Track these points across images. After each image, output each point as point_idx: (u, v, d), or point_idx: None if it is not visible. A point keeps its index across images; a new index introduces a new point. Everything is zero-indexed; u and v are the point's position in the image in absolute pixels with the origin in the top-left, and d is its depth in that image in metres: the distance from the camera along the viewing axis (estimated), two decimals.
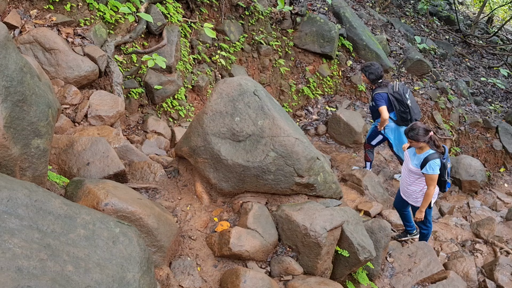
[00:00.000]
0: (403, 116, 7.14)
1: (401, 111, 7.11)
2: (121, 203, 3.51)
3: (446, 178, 5.61)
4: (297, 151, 4.30)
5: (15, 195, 2.35)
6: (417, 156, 5.51)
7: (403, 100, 7.03)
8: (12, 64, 3.09)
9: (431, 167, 5.32)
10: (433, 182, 5.44)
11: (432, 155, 5.36)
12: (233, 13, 9.51)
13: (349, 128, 9.34)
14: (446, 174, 5.59)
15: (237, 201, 4.48)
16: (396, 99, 7.05)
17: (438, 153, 5.42)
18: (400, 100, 7.03)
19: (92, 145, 4.46)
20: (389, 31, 13.17)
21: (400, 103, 7.05)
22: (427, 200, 5.58)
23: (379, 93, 7.06)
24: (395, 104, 7.07)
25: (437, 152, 5.43)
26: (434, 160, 5.33)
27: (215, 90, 4.48)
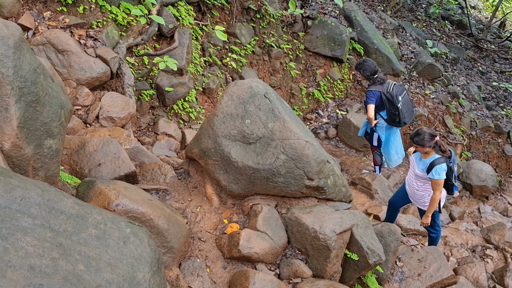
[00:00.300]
0: (392, 117, 7.16)
1: (391, 112, 7.10)
2: (131, 203, 3.54)
3: (453, 182, 5.57)
4: (307, 154, 4.30)
5: (28, 194, 2.37)
6: (423, 161, 5.48)
7: (393, 102, 7.02)
8: (26, 65, 3.13)
9: (437, 172, 5.28)
10: (439, 187, 5.41)
11: (438, 160, 5.33)
12: (244, 16, 9.54)
13: None
14: (453, 177, 5.55)
15: (247, 203, 4.49)
16: (387, 100, 7.05)
17: (444, 158, 5.39)
18: (391, 101, 7.03)
19: (104, 146, 4.49)
20: (401, 35, 13.14)
21: (391, 104, 7.04)
22: (433, 205, 5.55)
23: (372, 90, 7.10)
24: (386, 104, 7.08)
25: (443, 156, 5.40)
26: (440, 165, 5.29)
27: (226, 93, 4.50)
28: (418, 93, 11.08)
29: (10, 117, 3.00)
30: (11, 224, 2.18)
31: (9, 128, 2.99)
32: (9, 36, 3.03)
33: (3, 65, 2.95)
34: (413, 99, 10.94)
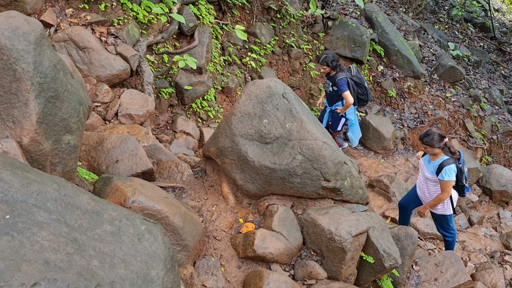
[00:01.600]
0: (361, 98, 7.75)
1: (359, 93, 7.67)
2: (147, 201, 3.55)
3: (464, 183, 5.49)
4: (325, 155, 4.28)
5: (44, 189, 2.39)
6: (432, 163, 5.40)
7: (362, 83, 7.61)
8: (46, 61, 3.15)
9: (446, 173, 5.21)
10: (448, 188, 5.33)
11: (447, 161, 5.24)
12: (265, 15, 9.53)
13: (378, 134, 9.25)
14: (464, 178, 5.46)
15: (263, 203, 4.48)
16: (355, 83, 7.55)
17: (454, 159, 5.31)
18: (360, 83, 7.59)
19: (122, 143, 4.51)
20: (422, 37, 13.01)
21: (359, 86, 7.61)
22: (436, 202, 5.48)
23: (342, 78, 7.37)
24: (354, 87, 7.54)
25: (452, 157, 5.32)
26: (450, 166, 5.21)
27: (244, 92, 4.49)
28: (438, 96, 10.97)
29: (30, 112, 3.03)
30: (27, 218, 2.20)
31: (28, 123, 3.02)
32: (30, 32, 3.06)
33: (24, 60, 2.98)
34: (433, 101, 10.83)
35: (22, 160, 2.89)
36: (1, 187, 2.22)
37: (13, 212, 2.15)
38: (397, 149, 9.68)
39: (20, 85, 2.99)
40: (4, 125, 3.01)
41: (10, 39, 2.95)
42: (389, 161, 9.11)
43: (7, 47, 2.93)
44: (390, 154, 9.30)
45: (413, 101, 10.83)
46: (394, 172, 8.69)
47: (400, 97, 10.73)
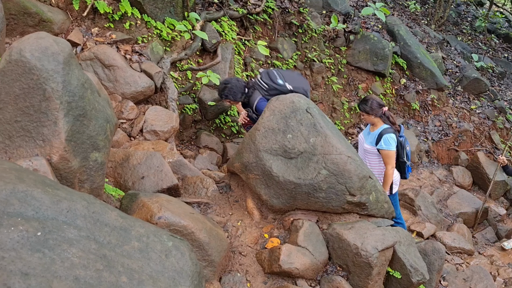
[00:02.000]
0: None
1: None
2: (174, 217, 3.57)
3: (404, 159, 5.27)
4: (349, 170, 4.26)
5: (74, 206, 2.43)
6: (371, 134, 5.27)
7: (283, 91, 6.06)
8: (75, 80, 3.22)
9: (386, 142, 5.07)
10: (391, 161, 5.15)
11: (386, 130, 5.10)
12: (287, 31, 9.58)
13: None
14: (405, 155, 5.25)
15: (288, 218, 4.47)
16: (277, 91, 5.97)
17: (393, 129, 5.16)
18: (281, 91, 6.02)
19: (147, 159, 4.56)
20: (445, 49, 12.92)
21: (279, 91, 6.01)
22: (387, 182, 5.26)
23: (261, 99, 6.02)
24: None
25: (392, 128, 5.17)
26: (389, 134, 5.07)
27: (268, 107, 4.51)
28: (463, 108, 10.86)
29: (59, 130, 3.08)
30: (58, 235, 2.23)
31: (58, 141, 3.08)
32: (59, 52, 3.13)
33: (53, 80, 3.05)
34: (457, 114, 10.71)
35: (51, 178, 2.94)
36: (32, 204, 2.26)
37: (44, 229, 2.19)
38: (422, 162, 9.60)
39: (49, 104, 3.05)
40: (34, 143, 3.07)
41: (40, 59, 3.02)
42: (414, 174, 9.02)
43: (37, 67, 3.00)
44: (414, 167, 9.21)
45: (437, 114, 10.74)
46: (418, 186, 8.62)
47: (424, 110, 10.65)
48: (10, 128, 3.05)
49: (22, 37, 6.04)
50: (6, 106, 3.02)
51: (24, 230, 2.11)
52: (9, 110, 3.03)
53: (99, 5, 6.29)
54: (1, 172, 2.31)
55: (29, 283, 1.96)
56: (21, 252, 2.03)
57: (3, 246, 1.99)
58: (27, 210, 2.22)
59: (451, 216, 8.04)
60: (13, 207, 2.18)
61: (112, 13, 6.49)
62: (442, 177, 9.03)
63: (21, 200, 2.23)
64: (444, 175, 9.06)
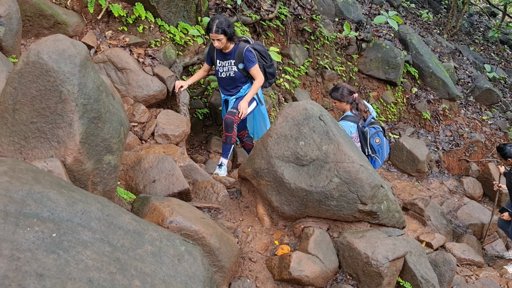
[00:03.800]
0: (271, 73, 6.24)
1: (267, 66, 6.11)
2: (185, 221, 3.57)
3: (366, 150, 5.34)
4: (361, 178, 4.25)
5: (89, 208, 2.44)
6: None
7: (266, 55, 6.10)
8: (90, 83, 3.23)
9: None
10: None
11: (346, 117, 5.24)
12: (299, 37, 9.59)
13: (412, 156, 9.15)
14: (368, 147, 5.29)
15: (299, 225, 4.46)
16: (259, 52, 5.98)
17: (356, 118, 5.24)
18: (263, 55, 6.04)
19: (159, 163, 4.57)
20: (457, 58, 12.88)
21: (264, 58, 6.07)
22: None
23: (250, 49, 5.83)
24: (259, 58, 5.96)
25: (356, 116, 5.25)
26: (345, 122, 5.21)
27: (280, 114, 4.51)
28: (475, 119, 10.80)
29: (74, 132, 3.10)
30: (73, 237, 2.24)
31: (72, 143, 3.09)
32: (76, 54, 3.14)
33: (69, 82, 3.06)
34: (469, 124, 10.66)
35: (65, 179, 2.95)
36: (48, 205, 2.27)
37: (59, 231, 2.19)
38: (432, 172, 9.55)
39: (65, 106, 3.07)
40: (49, 145, 3.08)
41: (57, 61, 3.03)
42: (424, 184, 8.99)
43: (54, 69, 3.01)
44: (424, 177, 9.17)
45: (448, 124, 10.69)
46: (428, 196, 8.57)
47: (435, 120, 10.61)
48: (26, 129, 3.06)
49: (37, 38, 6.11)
50: (22, 107, 3.04)
51: (40, 231, 2.11)
52: (25, 111, 3.04)
53: (113, 9, 6.33)
54: (18, 173, 2.32)
55: (44, 284, 1.96)
56: (36, 253, 2.04)
57: (19, 247, 2.00)
58: (43, 211, 2.23)
59: (461, 227, 7.99)
60: (29, 207, 2.19)
61: (126, 16, 6.53)
62: (453, 188, 8.98)
63: (37, 201, 2.24)
64: (455, 186, 9.00)
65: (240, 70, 5.88)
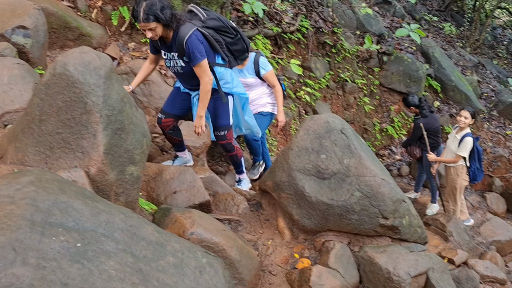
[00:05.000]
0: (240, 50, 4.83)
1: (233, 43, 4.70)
2: (206, 233, 3.58)
3: None
4: (383, 192, 4.22)
5: (112, 219, 2.46)
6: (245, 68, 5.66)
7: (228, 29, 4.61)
8: (115, 95, 3.27)
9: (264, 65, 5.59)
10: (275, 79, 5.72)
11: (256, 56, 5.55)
12: (320, 50, 9.60)
13: None
14: None
15: (319, 239, 4.43)
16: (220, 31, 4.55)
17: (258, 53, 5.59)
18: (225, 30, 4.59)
19: (180, 175, 4.59)
20: (480, 72, 12.77)
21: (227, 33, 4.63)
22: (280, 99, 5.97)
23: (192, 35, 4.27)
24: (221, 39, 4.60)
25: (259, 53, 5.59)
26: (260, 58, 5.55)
27: (302, 127, 4.51)
28: (498, 133, 10.67)
29: (98, 143, 3.14)
30: (96, 247, 2.26)
31: (96, 154, 3.13)
32: (101, 66, 3.19)
33: (94, 94, 3.11)
34: (492, 139, 10.53)
35: (89, 189, 2.98)
36: (73, 215, 2.30)
37: (84, 241, 2.22)
38: None
39: (90, 117, 3.11)
40: (74, 155, 3.13)
41: (82, 73, 3.09)
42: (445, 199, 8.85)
43: (80, 81, 3.06)
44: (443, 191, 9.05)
45: None
46: None
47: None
48: (51, 139, 3.11)
49: (62, 50, 6.21)
50: (48, 118, 3.09)
51: (65, 240, 2.14)
52: (51, 121, 3.09)
53: None
54: (44, 183, 2.36)
55: None
56: (61, 262, 2.06)
57: (44, 256, 2.02)
58: (68, 220, 2.26)
59: (483, 244, 7.86)
60: (55, 217, 2.22)
61: None
62: (475, 203, 8.86)
63: (62, 211, 2.27)
64: (478, 201, 8.88)
65: (188, 63, 4.47)
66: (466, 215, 7.88)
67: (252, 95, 5.76)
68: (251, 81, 5.62)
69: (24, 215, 2.14)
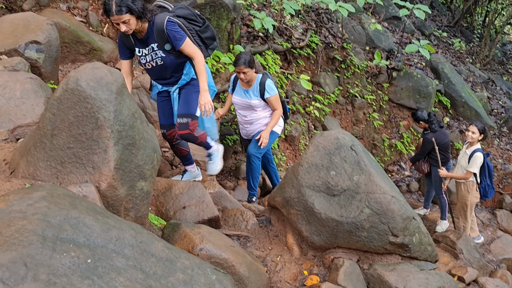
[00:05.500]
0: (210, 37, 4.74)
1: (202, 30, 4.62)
2: (215, 249, 3.57)
3: None
4: (393, 209, 4.19)
5: (123, 235, 2.46)
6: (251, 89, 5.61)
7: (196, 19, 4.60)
8: (126, 110, 3.29)
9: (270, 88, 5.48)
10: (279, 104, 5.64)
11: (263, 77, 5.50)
12: (329, 65, 9.63)
13: None
14: None
15: (328, 255, 4.41)
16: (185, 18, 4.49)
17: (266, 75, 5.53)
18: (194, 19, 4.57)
19: (189, 190, 4.59)
20: (490, 88, 12.74)
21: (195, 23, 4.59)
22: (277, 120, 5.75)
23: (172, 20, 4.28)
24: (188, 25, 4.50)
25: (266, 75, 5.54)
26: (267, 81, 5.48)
27: (312, 143, 4.51)
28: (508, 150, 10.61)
29: (108, 158, 3.15)
30: (107, 263, 2.26)
31: (107, 169, 3.14)
32: (112, 82, 3.21)
33: (106, 109, 3.13)
34: (502, 155, 10.47)
35: (99, 205, 2.99)
36: (84, 231, 2.30)
37: (94, 257, 2.22)
38: None
39: (101, 132, 3.13)
40: (85, 170, 3.14)
41: (94, 89, 3.11)
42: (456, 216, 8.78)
43: (92, 96, 3.09)
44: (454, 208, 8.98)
45: None
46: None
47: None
48: (62, 154, 3.13)
49: (74, 64, 6.27)
50: (60, 133, 3.11)
51: (76, 256, 2.14)
52: (62, 136, 3.11)
53: None
54: (56, 198, 2.37)
55: None
56: (72, 278, 2.06)
57: (55, 272, 2.03)
58: (79, 236, 2.26)
59: (494, 262, 7.78)
60: (66, 233, 2.22)
61: None
62: (486, 221, 8.78)
63: (73, 227, 2.27)
64: (488, 219, 8.80)
65: (169, 51, 4.38)
66: (476, 232, 7.80)
67: (255, 115, 5.77)
68: (256, 102, 5.60)
69: (35, 231, 2.14)
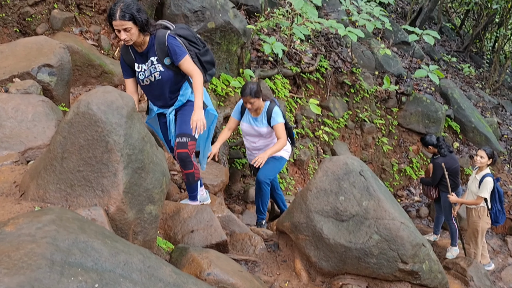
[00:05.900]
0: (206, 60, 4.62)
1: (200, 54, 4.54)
2: (222, 274, 3.55)
3: None
4: (402, 236, 4.16)
5: (131, 259, 2.46)
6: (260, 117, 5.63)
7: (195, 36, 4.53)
8: (136, 134, 3.32)
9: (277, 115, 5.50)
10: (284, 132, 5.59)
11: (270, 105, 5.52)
12: (339, 90, 9.66)
13: None
14: None
15: (337, 282, 4.37)
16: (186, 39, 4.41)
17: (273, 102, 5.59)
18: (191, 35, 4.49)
19: (198, 213, 4.59)
20: (500, 113, 12.70)
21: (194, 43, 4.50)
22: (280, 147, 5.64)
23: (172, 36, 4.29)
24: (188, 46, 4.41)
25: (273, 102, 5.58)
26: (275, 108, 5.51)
27: (320, 168, 4.51)
28: None
29: (118, 182, 3.16)
30: None
31: (116, 192, 3.15)
32: (123, 106, 3.24)
33: (116, 133, 3.15)
34: None
35: (108, 228, 2.99)
36: (92, 255, 2.30)
37: (102, 281, 2.21)
38: None
39: (110, 156, 3.15)
40: (94, 193, 3.15)
41: (105, 112, 3.14)
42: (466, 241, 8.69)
43: (102, 120, 3.11)
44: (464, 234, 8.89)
45: None
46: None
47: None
48: (72, 177, 3.14)
49: (85, 87, 6.34)
50: (70, 156, 3.13)
51: (83, 281, 2.14)
52: (73, 159, 3.13)
53: None
54: (65, 222, 2.37)
55: None
56: None
57: None
58: (87, 260, 2.26)
59: None
60: (74, 257, 2.22)
61: None
62: (497, 247, 8.68)
63: (82, 251, 2.27)
64: (499, 245, 8.70)
65: (168, 66, 4.31)
66: (487, 259, 7.71)
67: (263, 141, 5.82)
68: (264, 130, 5.65)
69: (44, 255, 2.15)
